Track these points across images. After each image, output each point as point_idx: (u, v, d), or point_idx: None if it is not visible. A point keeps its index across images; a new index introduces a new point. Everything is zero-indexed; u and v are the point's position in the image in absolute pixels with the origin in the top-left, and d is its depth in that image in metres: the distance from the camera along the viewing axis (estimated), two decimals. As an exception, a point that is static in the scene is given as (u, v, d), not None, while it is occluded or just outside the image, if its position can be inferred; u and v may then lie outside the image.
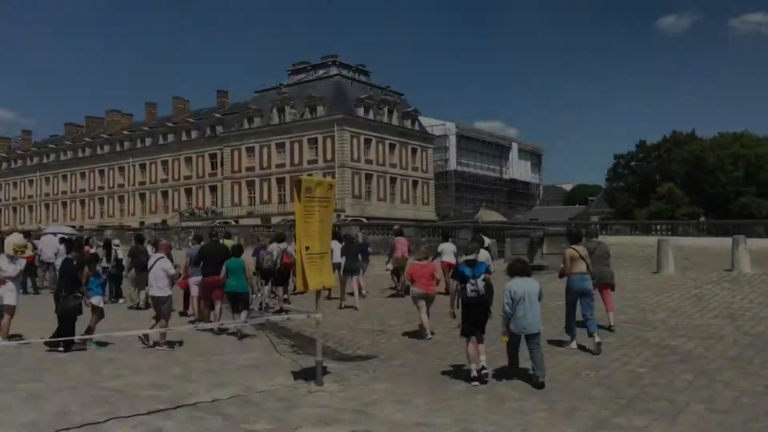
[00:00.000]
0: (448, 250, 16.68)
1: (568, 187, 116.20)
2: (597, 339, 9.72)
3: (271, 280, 15.43)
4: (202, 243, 14.55)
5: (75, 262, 10.77)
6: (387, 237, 34.54)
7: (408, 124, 72.86)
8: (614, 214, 66.36)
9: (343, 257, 15.83)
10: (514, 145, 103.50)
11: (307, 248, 8.43)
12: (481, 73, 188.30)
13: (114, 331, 10.24)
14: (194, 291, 13.29)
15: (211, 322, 12.23)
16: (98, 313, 10.76)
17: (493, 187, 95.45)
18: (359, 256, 16.52)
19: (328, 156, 64.62)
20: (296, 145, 67.00)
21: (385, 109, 69.84)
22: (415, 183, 72.93)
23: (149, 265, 11.24)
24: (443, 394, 7.94)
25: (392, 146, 69.78)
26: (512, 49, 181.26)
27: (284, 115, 68.50)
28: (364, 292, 16.40)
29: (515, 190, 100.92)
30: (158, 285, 10.84)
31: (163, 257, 11.17)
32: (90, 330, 10.35)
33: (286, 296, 15.73)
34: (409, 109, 73.39)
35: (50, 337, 9.62)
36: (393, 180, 69.88)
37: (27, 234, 20.53)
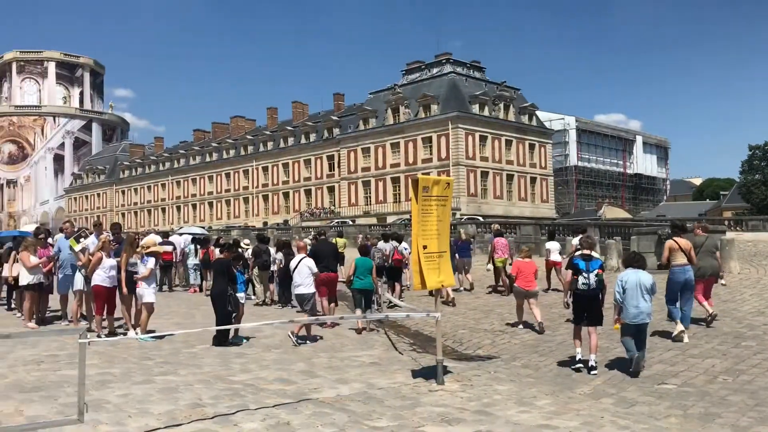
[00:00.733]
0: (554, 249, 17.07)
1: (697, 181, 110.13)
2: (685, 332, 10.21)
3: (384, 276, 15.94)
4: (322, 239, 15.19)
5: (228, 261, 11.40)
6: (505, 236, 34.03)
7: (525, 119, 71.38)
8: (750, 209, 62.09)
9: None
10: (639, 138, 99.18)
11: (424, 247, 8.43)
12: (600, 65, 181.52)
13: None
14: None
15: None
16: (241, 309, 11.41)
17: (616, 183, 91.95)
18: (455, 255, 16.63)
19: (443, 154, 64.47)
20: (411, 145, 67.33)
21: (501, 105, 68.79)
22: (533, 180, 71.38)
23: (294, 264, 11.64)
24: (568, 396, 7.71)
25: (509, 142, 68.64)
26: (633, 40, 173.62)
27: (399, 115, 69.03)
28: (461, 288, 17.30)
29: (640, 185, 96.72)
30: (304, 283, 11.38)
31: (305, 256, 11.73)
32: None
33: (401, 291, 16.34)
34: (526, 104, 71.91)
35: (216, 333, 10.32)
36: (510, 177, 68.73)
37: (165, 234, 21.76)
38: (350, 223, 60.28)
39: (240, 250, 18.58)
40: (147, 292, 10.81)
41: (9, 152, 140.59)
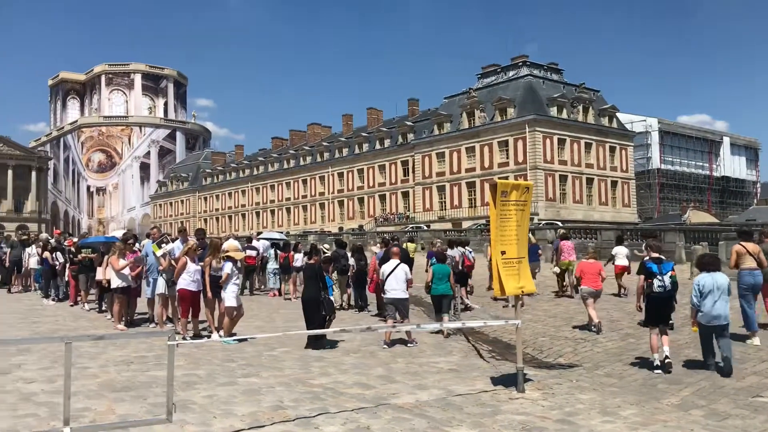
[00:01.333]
0: (621, 254, 17.36)
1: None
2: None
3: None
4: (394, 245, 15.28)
5: (318, 266, 11.62)
6: (585, 241, 33.26)
7: (605, 121, 69.56)
8: None
9: None
10: (726, 140, 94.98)
11: (503, 253, 8.31)
12: (683, 64, 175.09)
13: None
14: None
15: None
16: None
17: (701, 186, 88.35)
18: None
19: (520, 158, 63.57)
20: (486, 149, 66.69)
21: (580, 107, 67.29)
22: (614, 183, 69.43)
23: (390, 269, 11.66)
24: (654, 407, 7.43)
25: (588, 145, 67.03)
26: (717, 38, 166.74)
27: (474, 119, 68.53)
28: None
29: (728, 188, 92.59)
30: (400, 287, 11.46)
31: (401, 262, 11.78)
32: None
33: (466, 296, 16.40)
34: (605, 106, 70.07)
35: (312, 337, 10.57)
36: (590, 181, 67.08)
37: (249, 239, 22.27)
38: (425, 228, 60.25)
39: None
40: (228, 297, 11.08)
41: (99, 161, 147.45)
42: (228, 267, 11.19)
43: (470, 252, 17.66)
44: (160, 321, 12.70)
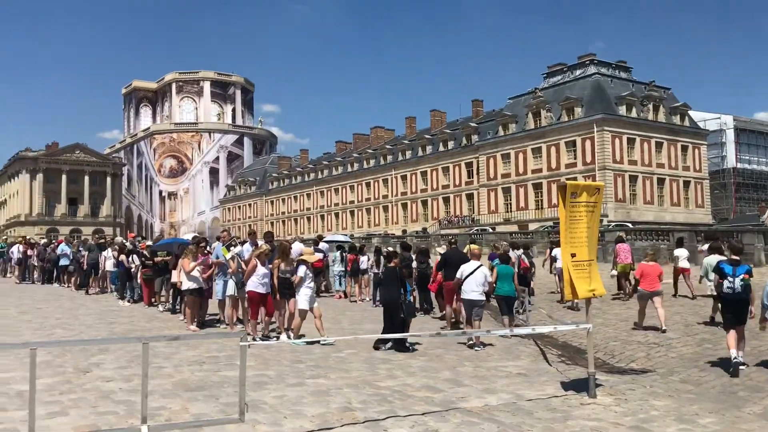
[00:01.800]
0: (682, 256, 17.51)
1: None
2: None
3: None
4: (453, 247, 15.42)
5: (399, 269, 11.72)
6: (656, 243, 32.30)
7: (676, 119, 67.43)
8: None
9: None
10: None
11: (573, 255, 8.14)
12: (759, 59, 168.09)
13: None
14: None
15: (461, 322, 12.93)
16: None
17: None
18: None
19: (588, 158, 62.26)
20: (553, 149, 65.60)
21: (650, 106, 65.45)
22: (686, 183, 67.22)
23: (469, 270, 11.67)
24: (735, 415, 7.14)
25: (659, 144, 65.11)
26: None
27: (540, 120, 67.55)
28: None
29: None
30: (477, 290, 11.50)
31: (481, 264, 11.82)
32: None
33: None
34: (677, 104, 67.94)
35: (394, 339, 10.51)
36: (661, 181, 65.13)
37: (316, 242, 22.52)
38: (490, 230, 59.70)
39: (382, 257, 18.98)
40: (301, 299, 11.19)
41: (170, 166, 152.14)
42: (302, 270, 11.30)
43: (527, 254, 17.93)
44: (231, 322, 12.97)
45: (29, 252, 26.77)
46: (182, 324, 13.62)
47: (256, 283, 11.35)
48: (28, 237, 39.75)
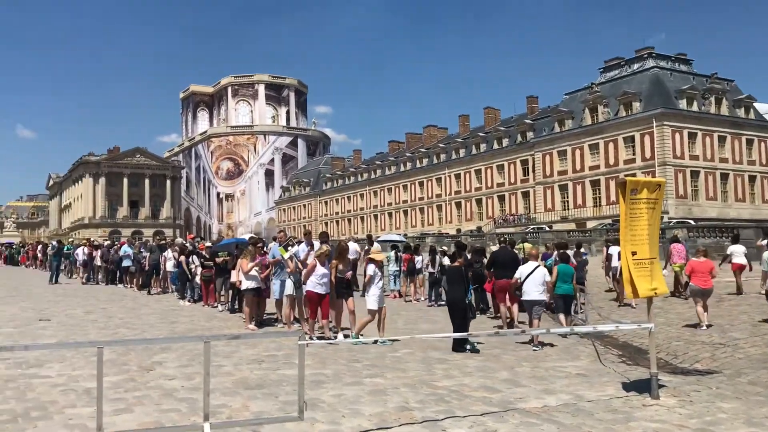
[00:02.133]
0: (738, 252, 17.35)
1: None
2: None
3: None
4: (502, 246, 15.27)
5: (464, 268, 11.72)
6: (720, 240, 31.32)
7: (740, 112, 65.14)
8: None
9: None
10: None
11: (633, 253, 7.96)
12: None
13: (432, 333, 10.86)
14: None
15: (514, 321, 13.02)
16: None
17: None
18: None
19: (647, 154, 60.71)
20: (611, 145, 64.20)
21: (712, 99, 63.39)
22: (752, 178, 64.86)
23: (529, 270, 11.62)
24: (809, 419, 6.85)
25: (722, 139, 63.03)
26: None
27: (597, 115, 66.21)
28: None
29: None
30: (538, 290, 11.45)
31: (540, 265, 11.80)
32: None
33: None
34: (741, 97, 65.61)
35: (455, 339, 10.50)
36: (724, 176, 63.01)
37: (371, 241, 22.51)
38: (547, 228, 58.86)
39: (437, 256, 18.92)
40: (370, 299, 11.19)
41: (227, 169, 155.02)
42: (371, 269, 11.34)
43: (579, 254, 18.02)
44: (288, 321, 13.13)
45: (93, 253, 27.65)
46: (241, 323, 13.86)
47: (314, 283, 11.40)
48: (92, 239, 41.11)
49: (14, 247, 52.83)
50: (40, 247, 41.58)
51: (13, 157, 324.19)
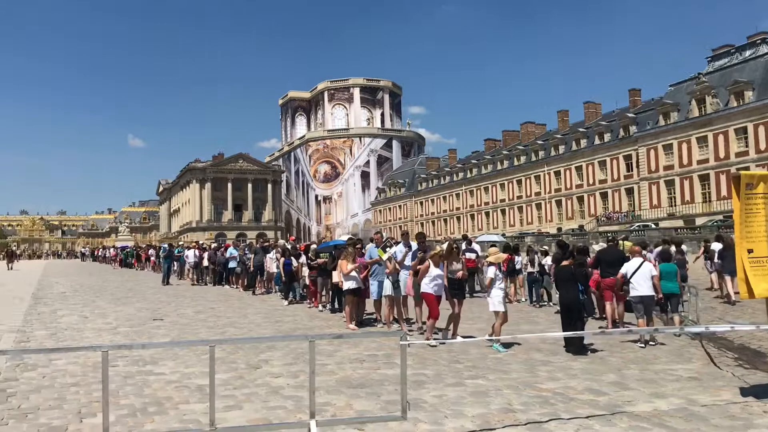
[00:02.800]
0: None
1: None
2: None
3: None
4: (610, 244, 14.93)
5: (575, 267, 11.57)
6: None
7: None
8: None
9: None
10: None
11: (750, 251, 7.54)
12: None
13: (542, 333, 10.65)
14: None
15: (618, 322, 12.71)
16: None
17: None
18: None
19: (762, 146, 57.14)
20: (720, 138, 60.90)
21: (833, 85, 58.99)
22: None
23: (634, 267, 11.43)
24: None
25: None
26: None
27: (705, 107, 62.98)
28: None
29: None
30: (647, 284, 11.28)
31: (644, 261, 11.62)
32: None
33: None
34: None
35: (572, 340, 10.24)
36: None
37: (469, 242, 22.28)
38: (653, 226, 56.59)
39: (535, 256, 18.57)
40: (493, 302, 11.11)
41: (324, 172, 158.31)
42: (491, 271, 11.26)
43: (680, 251, 17.61)
44: (388, 321, 13.24)
45: (202, 255, 28.88)
46: (342, 323, 14.10)
47: (428, 284, 11.29)
48: (200, 242, 42.95)
49: (128, 250, 55.92)
50: (152, 250, 43.83)
51: (125, 165, 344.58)
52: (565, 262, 11.53)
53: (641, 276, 11.28)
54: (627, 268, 11.53)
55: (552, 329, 12.63)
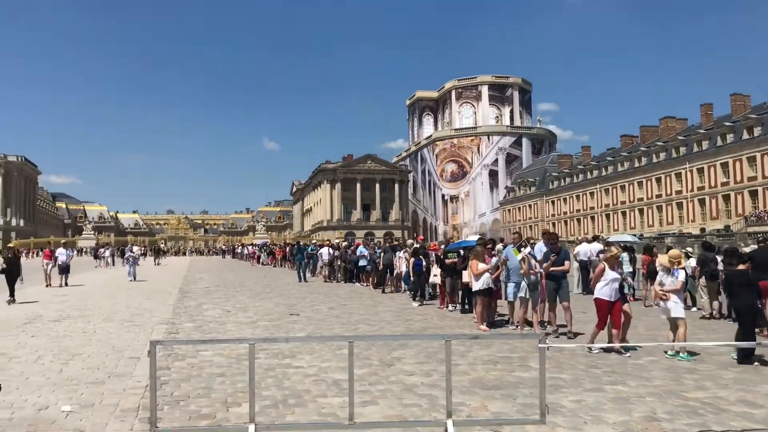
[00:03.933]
0: None
1: None
2: None
3: None
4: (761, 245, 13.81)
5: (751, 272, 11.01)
6: None
7: None
8: None
9: None
10: None
11: None
12: None
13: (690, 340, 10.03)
14: None
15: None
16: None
17: None
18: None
19: None
20: None
21: None
22: None
23: None
24: None
25: None
26: None
27: None
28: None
29: None
30: None
31: None
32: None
33: None
34: None
35: (743, 350, 9.68)
36: None
37: (608, 243, 21.41)
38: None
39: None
40: (675, 307, 10.65)
41: (451, 171, 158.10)
42: (682, 275, 10.75)
43: None
44: (521, 323, 12.98)
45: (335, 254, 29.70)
46: (472, 323, 13.98)
47: (602, 289, 10.68)
48: (332, 240, 44.17)
49: (265, 248, 58.44)
50: (288, 248, 45.58)
51: (261, 166, 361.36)
52: (741, 266, 10.82)
53: None
54: None
55: (696, 335, 11.91)
